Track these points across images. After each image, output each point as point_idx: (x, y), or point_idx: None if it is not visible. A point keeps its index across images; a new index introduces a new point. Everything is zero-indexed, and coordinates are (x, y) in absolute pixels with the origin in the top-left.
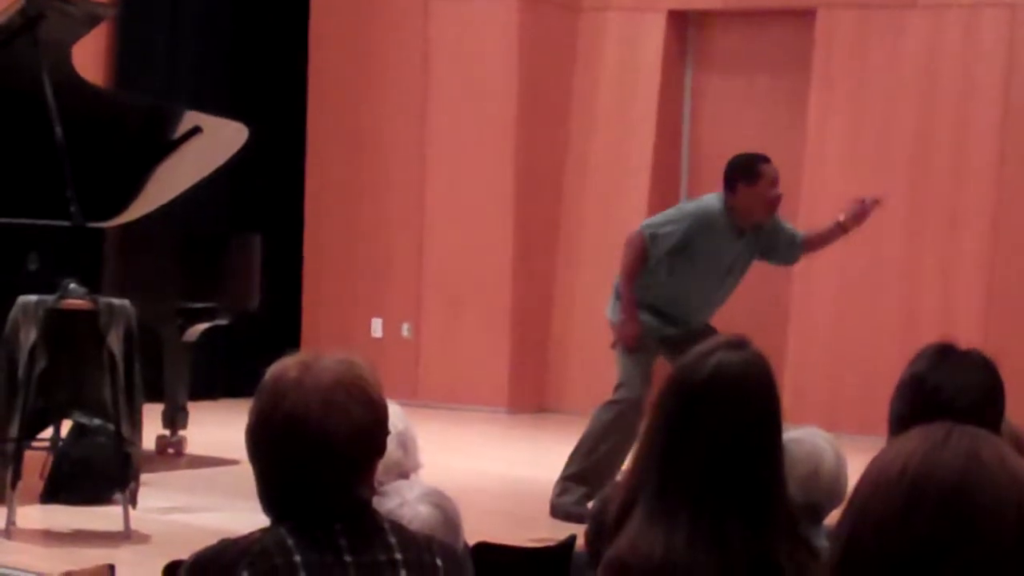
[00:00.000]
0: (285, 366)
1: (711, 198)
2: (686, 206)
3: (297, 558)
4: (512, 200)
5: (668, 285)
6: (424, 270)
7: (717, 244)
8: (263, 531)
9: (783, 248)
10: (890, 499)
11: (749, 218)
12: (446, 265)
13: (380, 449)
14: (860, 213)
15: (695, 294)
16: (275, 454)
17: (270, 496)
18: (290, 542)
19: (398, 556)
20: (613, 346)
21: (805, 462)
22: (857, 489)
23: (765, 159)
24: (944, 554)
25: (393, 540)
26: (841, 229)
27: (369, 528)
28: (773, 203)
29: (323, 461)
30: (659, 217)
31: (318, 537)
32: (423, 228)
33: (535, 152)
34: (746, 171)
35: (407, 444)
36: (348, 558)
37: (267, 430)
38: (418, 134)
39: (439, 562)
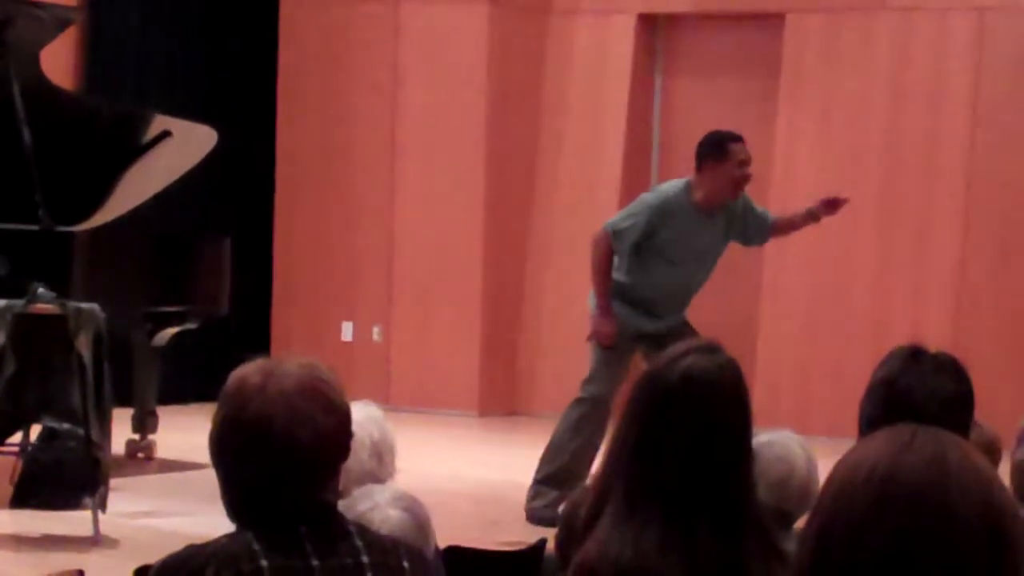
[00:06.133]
0: (247, 372)
1: (672, 184)
2: (646, 197)
3: (263, 563)
4: (482, 204)
5: (640, 278)
6: (394, 274)
7: (684, 229)
8: (229, 536)
9: (753, 231)
10: (858, 501)
11: (716, 198)
12: (417, 269)
13: (344, 453)
14: (831, 204)
15: (668, 283)
16: (240, 460)
17: (235, 502)
18: (256, 547)
19: (364, 559)
20: (589, 339)
21: (776, 466)
22: (824, 491)
23: (736, 138)
24: (912, 555)
25: (359, 543)
26: (812, 217)
27: (335, 531)
28: (739, 182)
29: (288, 466)
30: (620, 213)
31: (284, 541)
32: (393, 232)
33: (506, 156)
34: (715, 148)
35: (382, 454)
36: (314, 562)
37: (231, 436)
38: (389, 139)
39: (406, 564)
